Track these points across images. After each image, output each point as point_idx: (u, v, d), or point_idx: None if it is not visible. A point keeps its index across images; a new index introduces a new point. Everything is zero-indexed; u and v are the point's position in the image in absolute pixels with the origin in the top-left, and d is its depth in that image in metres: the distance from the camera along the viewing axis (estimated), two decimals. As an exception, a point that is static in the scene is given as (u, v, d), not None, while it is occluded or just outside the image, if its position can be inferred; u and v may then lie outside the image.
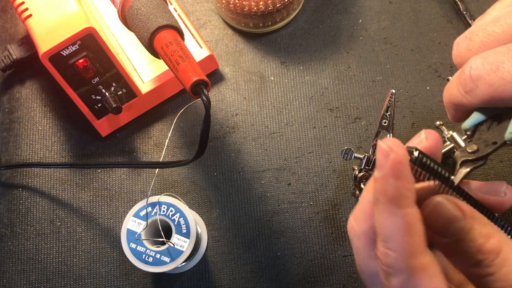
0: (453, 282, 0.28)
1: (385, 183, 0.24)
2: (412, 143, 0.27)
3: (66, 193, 0.53)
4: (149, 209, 0.45)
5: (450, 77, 0.45)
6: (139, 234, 0.45)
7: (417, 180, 0.26)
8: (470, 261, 0.24)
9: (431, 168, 0.25)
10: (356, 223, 0.27)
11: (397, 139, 0.25)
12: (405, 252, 0.24)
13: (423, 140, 0.26)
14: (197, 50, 0.54)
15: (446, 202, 0.25)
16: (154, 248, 0.45)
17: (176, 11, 0.55)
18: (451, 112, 0.30)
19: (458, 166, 0.27)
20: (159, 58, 0.44)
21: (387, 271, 0.25)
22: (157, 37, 0.42)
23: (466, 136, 0.31)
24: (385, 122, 0.43)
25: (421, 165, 0.25)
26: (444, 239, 0.25)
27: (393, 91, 0.42)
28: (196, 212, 0.51)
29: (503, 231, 0.25)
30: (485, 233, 0.24)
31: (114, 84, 0.49)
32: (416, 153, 0.25)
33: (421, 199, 0.26)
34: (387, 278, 0.25)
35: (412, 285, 0.24)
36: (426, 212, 0.25)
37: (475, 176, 0.52)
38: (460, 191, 0.26)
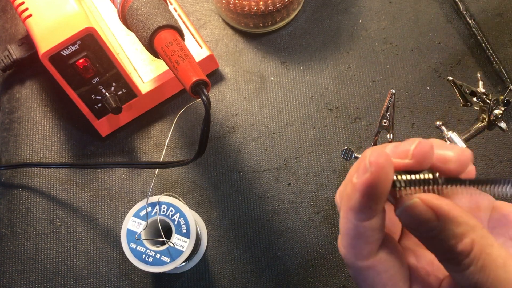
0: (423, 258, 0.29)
1: (353, 193, 0.24)
2: (397, 153, 0.26)
3: (66, 193, 0.53)
4: (149, 209, 0.45)
5: (450, 77, 0.45)
6: (139, 234, 0.45)
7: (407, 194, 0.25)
8: (441, 257, 0.25)
9: (415, 181, 0.25)
10: (339, 199, 0.28)
11: (386, 154, 0.24)
12: (353, 254, 0.26)
13: (409, 155, 0.25)
14: (197, 50, 0.54)
15: (419, 204, 0.24)
16: (154, 248, 0.45)
17: (176, 11, 0.55)
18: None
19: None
20: (159, 58, 0.44)
21: (343, 259, 0.27)
22: (157, 37, 0.42)
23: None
24: (385, 122, 0.43)
25: (405, 185, 0.25)
26: (417, 235, 0.26)
27: (393, 91, 0.42)
28: (196, 212, 0.51)
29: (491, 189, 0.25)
30: (457, 234, 0.24)
31: (114, 84, 0.49)
32: (395, 178, 0.25)
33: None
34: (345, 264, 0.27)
35: (359, 278, 0.26)
36: (399, 212, 0.25)
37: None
38: (452, 181, 0.25)
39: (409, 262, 0.28)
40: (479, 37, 0.55)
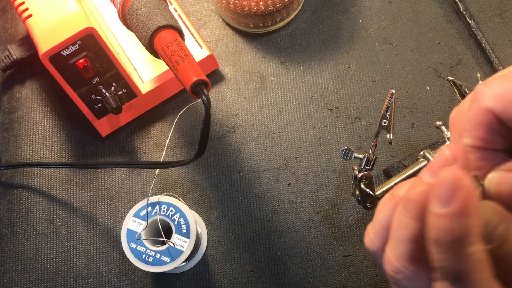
0: None
1: (452, 222, 0.21)
2: (437, 163, 0.24)
3: (66, 193, 0.53)
4: (149, 209, 0.45)
5: (450, 77, 0.45)
6: (139, 234, 0.45)
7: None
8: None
9: None
10: (375, 237, 0.26)
11: (457, 168, 0.21)
12: None
13: (449, 159, 0.23)
14: (197, 50, 0.54)
15: (488, 207, 0.23)
16: (154, 248, 0.45)
17: (176, 11, 0.55)
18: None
19: None
20: (159, 58, 0.44)
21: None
22: (157, 37, 0.42)
23: None
24: (385, 122, 0.43)
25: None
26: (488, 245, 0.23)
27: (393, 91, 0.42)
28: (196, 212, 0.51)
29: None
30: None
31: (114, 84, 0.50)
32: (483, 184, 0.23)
33: None
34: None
35: None
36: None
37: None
38: None
39: None
40: (479, 37, 0.55)
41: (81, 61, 0.46)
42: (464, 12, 0.55)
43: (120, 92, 0.50)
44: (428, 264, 0.23)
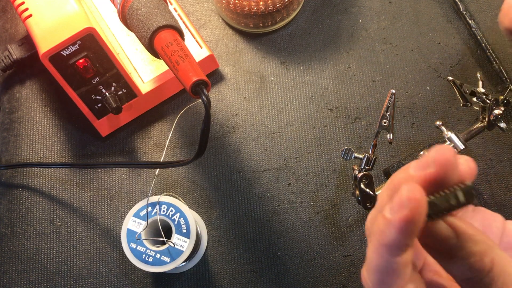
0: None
1: (387, 228, 0.23)
2: (419, 165, 0.25)
3: (66, 193, 0.53)
4: (149, 209, 0.45)
5: (450, 77, 0.45)
6: (139, 234, 0.45)
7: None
8: (460, 276, 0.25)
9: (447, 210, 0.24)
10: (371, 225, 0.27)
11: (416, 186, 0.23)
12: None
13: (431, 165, 0.24)
14: (197, 50, 0.54)
15: (439, 222, 0.24)
16: (154, 248, 0.45)
17: (176, 11, 0.55)
18: None
19: None
20: (159, 58, 0.44)
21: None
22: (157, 37, 0.42)
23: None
24: (385, 122, 0.43)
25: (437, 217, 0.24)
26: (436, 254, 0.25)
27: (393, 91, 0.42)
28: (196, 212, 0.51)
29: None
30: (477, 252, 0.23)
31: (114, 84, 0.50)
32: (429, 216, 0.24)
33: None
34: None
35: None
36: (425, 235, 0.25)
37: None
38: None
39: None
40: (479, 37, 0.55)
41: (81, 61, 0.46)
42: (464, 12, 0.55)
43: (120, 92, 0.50)
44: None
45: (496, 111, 0.45)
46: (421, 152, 0.45)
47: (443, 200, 0.24)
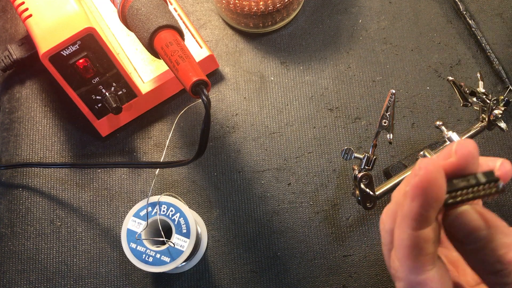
0: (472, 279, 0.29)
1: (404, 200, 0.24)
2: (441, 156, 0.26)
3: (66, 193, 0.53)
4: (149, 209, 0.45)
5: (450, 77, 0.45)
6: (139, 234, 0.45)
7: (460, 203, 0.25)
8: (488, 269, 0.25)
9: (467, 196, 0.25)
10: (386, 218, 0.28)
11: (434, 160, 0.24)
12: (407, 267, 0.25)
13: (452, 154, 0.25)
14: (197, 50, 0.54)
15: (471, 211, 0.25)
16: (154, 248, 0.45)
17: (176, 11, 0.55)
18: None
19: None
20: (159, 58, 0.44)
21: (392, 273, 0.27)
22: (157, 37, 0.42)
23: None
24: (385, 122, 0.43)
25: (455, 203, 0.25)
26: (465, 246, 0.25)
27: (393, 91, 0.42)
28: (196, 212, 0.51)
29: None
30: (506, 244, 0.24)
31: (114, 84, 0.49)
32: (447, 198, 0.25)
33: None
34: (394, 279, 0.27)
35: None
36: (450, 220, 0.25)
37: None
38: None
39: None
40: (479, 37, 0.55)
41: (81, 61, 0.46)
42: (464, 12, 0.55)
43: (120, 92, 0.50)
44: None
45: (496, 111, 0.45)
46: (421, 152, 0.45)
47: (463, 179, 0.25)
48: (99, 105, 0.50)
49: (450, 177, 0.25)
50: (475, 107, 0.46)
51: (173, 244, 0.44)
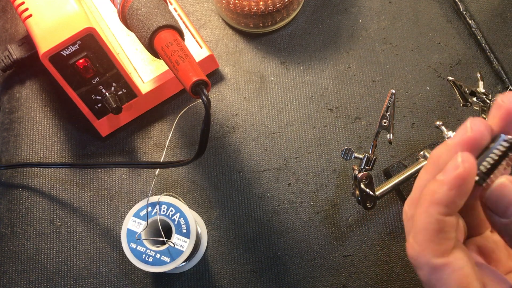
0: (503, 267, 0.29)
1: (439, 187, 0.25)
2: (458, 131, 0.27)
3: (66, 193, 0.53)
4: (149, 209, 0.45)
5: (450, 77, 0.45)
6: (139, 234, 0.45)
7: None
8: None
9: (493, 169, 0.26)
10: (408, 207, 0.29)
11: (467, 153, 0.25)
12: (431, 250, 0.26)
13: (468, 129, 0.26)
14: (197, 50, 0.54)
15: (509, 184, 0.25)
16: (154, 248, 0.45)
17: (176, 11, 0.55)
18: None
19: None
20: (159, 58, 0.44)
21: (412, 261, 0.27)
22: (157, 37, 0.42)
23: None
24: (385, 122, 0.43)
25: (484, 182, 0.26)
26: (503, 220, 0.26)
27: (393, 91, 0.42)
28: (196, 212, 0.51)
29: None
30: None
31: (114, 84, 0.50)
32: (477, 178, 0.26)
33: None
34: (414, 267, 0.27)
35: (433, 277, 0.26)
36: (487, 193, 0.26)
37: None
38: None
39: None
40: (479, 37, 0.55)
41: (81, 61, 0.46)
42: (464, 12, 0.55)
43: (120, 92, 0.50)
44: None
45: (496, 111, 0.44)
46: (421, 152, 0.45)
47: (485, 153, 0.26)
48: (99, 105, 0.50)
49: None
50: (475, 107, 0.46)
51: (173, 244, 0.44)
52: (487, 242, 0.30)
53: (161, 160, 0.52)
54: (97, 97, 0.50)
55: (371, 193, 0.44)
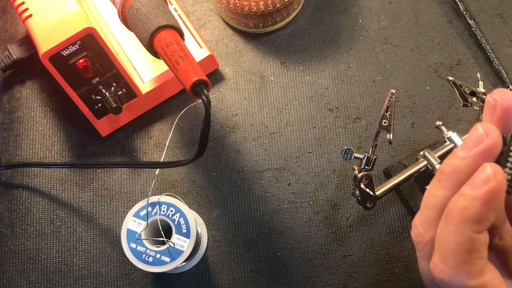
0: None
1: (471, 203, 0.24)
2: (471, 139, 0.25)
3: (66, 193, 0.53)
4: (149, 209, 0.45)
5: (450, 77, 0.45)
6: (139, 234, 0.45)
7: None
8: None
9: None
10: (423, 228, 0.27)
11: (497, 165, 0.24)
12: (465, 272, 0.24)
13: (483, 136, 0.25)
14: (197, 50, 0.54)
15: None
16: (154, 248, 0.45)
17: (176, 11, 0.55)
18: None
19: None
20: (159, 58, 0.44)
21: (442, 285, 0.25)
22: (157, 37, 0.42)
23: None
24: (385, 122, 0.43)
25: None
26: None
27: (393, 91, 0.42)
28: (196, 212, 0.51)
29: None
30: None
31: (114, 84, 0.50)
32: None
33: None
34: None
35: None
36: None
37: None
38: None
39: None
40: (479, 37, 0.55)
41: (81, 61, 0.46)
42: (464, 12, 0.55)
43: (120, 92, 0.50)
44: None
45: (496, 111, 0.44)
46: (421, 152, 0.45)
47: (501, 160, 0.25)
48: (99, 105, 0.50)
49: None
50: (475, 107, 0.46)
51: (173, 244, 0.44)
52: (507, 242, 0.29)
53: (161, 160, 0.52)
54: (97, 97, 0.50)
55: (371, 193, 0.44)
